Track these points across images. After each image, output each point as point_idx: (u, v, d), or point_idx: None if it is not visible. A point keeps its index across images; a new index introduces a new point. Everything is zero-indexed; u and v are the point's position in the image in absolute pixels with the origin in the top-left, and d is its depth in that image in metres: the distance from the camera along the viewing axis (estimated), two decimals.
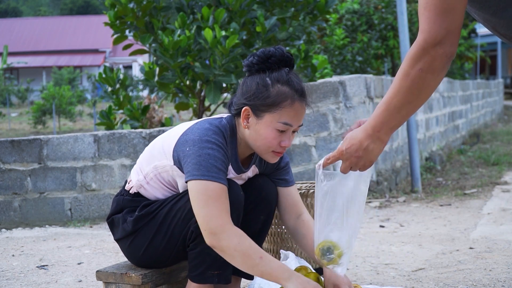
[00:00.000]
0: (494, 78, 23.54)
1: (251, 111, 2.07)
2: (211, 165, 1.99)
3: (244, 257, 1.96)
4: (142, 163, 2.22)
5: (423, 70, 1.62)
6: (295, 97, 2.06)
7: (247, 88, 2.10)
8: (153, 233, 2.17)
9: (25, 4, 60.41)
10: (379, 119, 1.72)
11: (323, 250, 1.98)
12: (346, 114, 4.67)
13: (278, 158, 2.14)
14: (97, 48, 36.50)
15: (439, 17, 1.59)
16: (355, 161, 1.79)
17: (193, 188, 2.00)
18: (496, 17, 1.76)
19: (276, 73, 2.08)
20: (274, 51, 2.08)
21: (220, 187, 1.99)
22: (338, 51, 11.95)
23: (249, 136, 2.11)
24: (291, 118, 2.06)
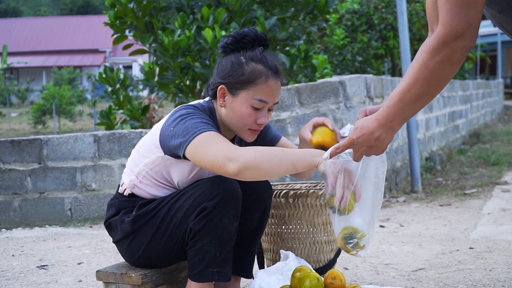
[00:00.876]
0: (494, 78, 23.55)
1: (226, 90, 2.12)
2: (196, 123, 2.01)
3: (269, 158, 1.93)
4: (132, 165, 2.24)
5: (442, 63, 1.63)
6: (269, 74, 2.10)
7: (222, 67, 2.14)
8: (152, 232, 2.17)
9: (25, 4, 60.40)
10: (392, 109, 1.72)
11: (345, 238, 2.00)
12: (346, 114, 4.67)
13: (255, 137, 2.18)
14: (97, 48, 36.50)
15: (461, 10, 1.59)
16: (366, 150, 1.81)
17: (192, 151, 1.99)
18: (503, 15, 1.77)
19: (250, 52, 2.13)
20: (247, 31, 2.13)
21: (212, 132, 2.00)
22: (338, 51, 11.95)
23: (226, 114, 2.14)
24: (266, 94, 2.10)
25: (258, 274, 2.34)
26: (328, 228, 2.58)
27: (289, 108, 4.62)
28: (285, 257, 2.42)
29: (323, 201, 2.53)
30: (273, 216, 2.57)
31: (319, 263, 2.58)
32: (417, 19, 11.67)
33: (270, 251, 2.63)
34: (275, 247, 2.60)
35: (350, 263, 3.13)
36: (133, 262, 2.26)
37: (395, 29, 11.87)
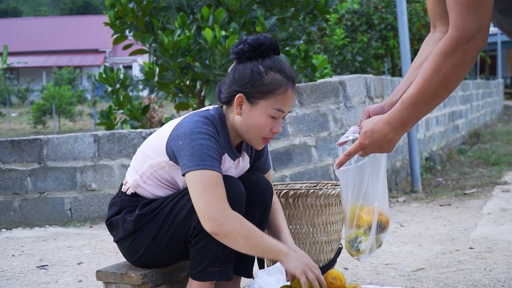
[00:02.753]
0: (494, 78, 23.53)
1: (245, 98, 2.11)
2: (205, 154, 2.02)
3: (247, 239, 2.01)
4: (136, 164, 2.23)
5: (456, 65, 1.64)
6: (288, 85, 2.12)
7: (239, 75, 2.12)
8: (155, 231, 2.17)
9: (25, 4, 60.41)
10: (405, 113, 1.74)
11: (350, 242, 2.05)
12: (346, 114, 4.67)
13: (264, 145, 2.20)
14: (97, 48, 36.50)
15: (472, 11, 1.60)
16: (377, 151, 1.84)
17: (190, 179, 2.02)
18: (503, 15, 1.77)
19: (268, 60, 2.13)
20: (264, 39, 2.12)
21: (216, 174, 2.02)
22: (338, 51, 11.95)
23: (241, 122, 2.14)
24: (284, 104, 2.12)
25: (258, 274, 2.34)
26: (328, 228, 2.58)
27: None
28: None
29: (323, 201, 2.53)
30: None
31: (319, 263, 2.58)
32: (417, 19, 11.67)
33: None
34: None
35: (350, 263, 3.13)
36: (134, 261, 2.26)
37: (395, 29, 11.87)
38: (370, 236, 2.03)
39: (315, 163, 4.67)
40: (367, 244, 2.03)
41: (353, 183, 2.00)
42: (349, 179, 2.01)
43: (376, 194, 2.00)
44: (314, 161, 4.67)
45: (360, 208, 2.01)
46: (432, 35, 2.05)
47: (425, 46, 2.04)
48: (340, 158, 1.92)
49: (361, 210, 2.01)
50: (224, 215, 1.99)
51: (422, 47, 2.06)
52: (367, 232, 2.03)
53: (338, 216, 2.62)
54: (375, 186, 2.00)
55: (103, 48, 36.39)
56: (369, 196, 2.00)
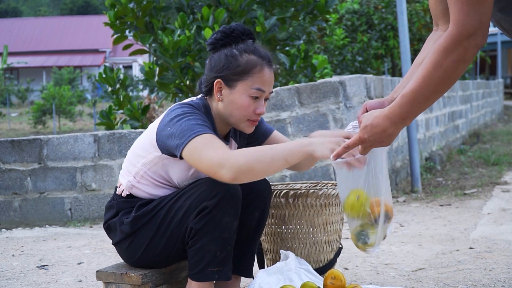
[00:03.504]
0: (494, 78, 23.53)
1: (223, 83, 2.15)
2: (192, 125, 2.02)
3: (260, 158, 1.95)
4: (128, 165, 2.24)
5: (456, 61, 1.65)
6: (263, 63, 2.15)
7: (215, 62, 2.18)
8: (152, 232, 2.17)
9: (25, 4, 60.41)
10: (405, 108, 1.75)
11: (357, 234, 2.02)
12: (346, 114, 4.67)
13: (253, 128, 2.21)
14: (97, 48, 36.51)
15: (472, 8, 1.61)
16: (377, 145, 1.84)
17: (187, 154, 2.01)
18: (502, 13, 1.78)
19: (242, 44, 2.17)
20: (235, 25, 2.18)
21: (208, 135, 2.01)
22: (338, 51, 11.95)
23: (224, 108, 2.16)
24: (263, 83, 2.14)
25: (258, 274, 2.34)
26: (328, 228, 2.58)
27: (289, 108, 4.62)
28: (285, 257, 2.42)
29: (323, 201, 2.53)
30: (273, 216, 2.57)
31: (319, 263, 2.58)
32: (417, 19, 11.67)
33: (270, 251, 2.63)
34: (275, 247, 2.60)
35: (350, 263, 3.13)
36: (133, 263, 2.26)
37: (395, 29, 11.86)
38: (379, 228, 2.01)
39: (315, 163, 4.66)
40: (375, 237, 2.02)
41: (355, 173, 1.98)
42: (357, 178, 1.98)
43: (380, 185, 2.00)
44: None
45: (365, 199, 1.99)
46: (434, 33, 2.06)
47: (427, 44, 2.06)
48: (338, 149, 1.91)
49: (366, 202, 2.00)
50: (227, 156, 1.95)
51: (425, 45, 2.07)
52: (374, 224, 2.01)
53: (338, 216, 2.62)
54: (379, 177, 2.00)
55: (103, 48, 36.40)
56: (373, 187, 1.99)
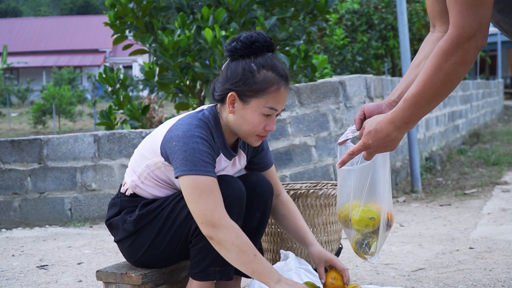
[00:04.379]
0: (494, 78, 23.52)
1: (237, 97, 2.10)
2: (197, 159, 2.01)
3: (240, 253, 1.98)
4: (134, 165, 2.24)
5: (457, 64, 1.65)
6: (281, 83, 2.11)
7: (232, 73, 2.11)
8: (155, 232, 2.16)
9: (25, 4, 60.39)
10: (408, 112, 1.75)
11: (357, 243, 2.04)
12: (346, 114, 4.67)
13: (260, 142, 2.19)
14: (97, 48, 36.50)
15: (472, 10, 1.61)
16: (381, 150, 1.84)
17: (184, 184, 2.02)
18: (501, 15, 1.78)
19: (261, 58, 2.11)
20: (257, 36, 2.11)
21: (210, 179, 2.01)
22: (338, 51, 11.95)
23: (234, 121, 2.13)
24: (277, 103, 2.11)
25: None
26: (328, 228, 2.58)
27: (289, 108, 4.62)
28: (285, 257, 2.42)
29: (323, 201, 2.53)
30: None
31: None
32: (417, 19, 11.67)
33: (270, 251, 2.63)
34: (275, 247, 2.60)
35: (350, 263, 3.13)
36: (134, 261, 2.26)
37: (395, 29, 11.87)
38: (380, 236, 2.02)
39: (315, 163, 4.66)
40: (376, 245, 2.03)
41: (357, 182, 1.99)
42: (352, 178, 2.00)
43: (381, 192, 2.00)
44: (314, 161, 4.67)
45: (366, 206, 2.00)
46: (432, 34, 2.05)
47: (424, 46, 2.05)
48: (343, 157, 1.91)
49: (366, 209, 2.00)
50: (221, 222, 1.98)
51: (422, 47, 2.06)
52: (376, 231, 2.02)
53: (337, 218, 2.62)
54: (380, 184, 2.00)
55: (103, 48, 36.38)
56: (374, 194, 1.99)
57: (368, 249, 2.03)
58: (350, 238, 2.07)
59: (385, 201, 2.00)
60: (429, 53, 1.98)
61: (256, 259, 1.99)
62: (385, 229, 2.03)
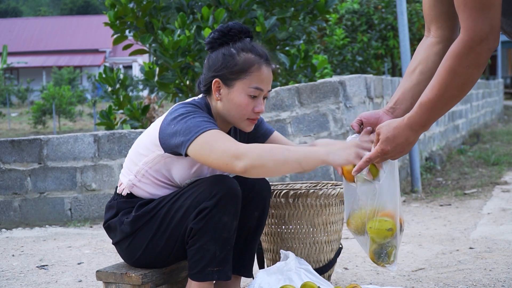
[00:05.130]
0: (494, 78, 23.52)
1: (221, 82, 2.14)
2: (198, 122, 2.04)
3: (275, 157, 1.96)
4: (130, 164, 2.24)
5: (470, 67, 1.68)
6: (261, 62, 2.15)
7: (213, 61, 2.17)
8: (152, 232, 2.17)
9: (25, 4, 60.39)
10: (425, 116, 1.78)
11: (376, 253, 2.04)
12: (346, 114, 4.67)
13: (253, 126, 2.20)
14: (97, 48, 36.50)
15: (482, 14, 1.62)
16: (398, 155, 1.87)
17: (195, 149, 2.01)
18: (504, 17, 1.80)
19: (239, 43, 2.17)
20: (232, 24, 2.18)
21: (213, 131, 2.02)
22: (338, 51, 11.94)
23: (223, 107, 2.16)
24: (260, 82, 2.14)
25: (258, 274, 2.34)
26: (328, 228, 2.58)
27: (289, 108, 4.62)
28: (285, 257, 2.43)
29: (323, 201, 2.53)
30: (273, 216, 2.57)
31: (319, 263, 2.58)
32: (417, 19, 11.67)
33: (270, 251, 2.63)
34: (275, 247, 2.60)
35: (350, 263, 3.13)
36: (133, 262, 2.26)
37: (395, 29, 11.86)
38: (397, 244, 2.02)
39: None
40: (395, 253, 2.03)
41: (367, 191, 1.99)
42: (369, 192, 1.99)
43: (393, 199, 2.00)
44: None
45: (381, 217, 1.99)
46: (426, 39, 2.05)
47: (419, 51, 2.05)
48: (360, 163, 1.90)
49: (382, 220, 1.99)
50: (241, 149, 1.97)
51: (416, 52, 2.06)
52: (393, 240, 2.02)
53: (338, 216, 2.62)
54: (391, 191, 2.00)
55: (103, 48, 36.39)
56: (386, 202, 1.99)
57: (388, 258, 2.04)
58: (366, 248, 2.05)
59: (397, 207, 2.00)
60: (425, 59, 2.00)
61: (291, 151, 1.97)
62: (400, 234, 2.03)
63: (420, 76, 1.99)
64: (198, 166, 2.17)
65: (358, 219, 2.02)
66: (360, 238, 2.05)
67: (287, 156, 1.96)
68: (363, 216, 2.01)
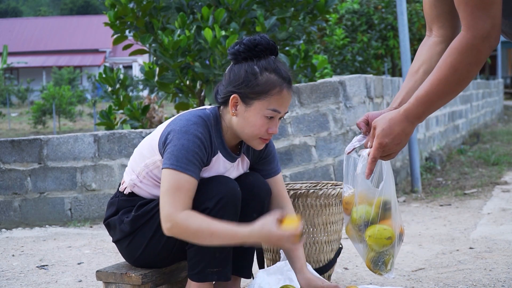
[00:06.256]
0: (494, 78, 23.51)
1: (239, 99, 2.11)
2: (182, 155, 2.03)
3: (198, 238, 1.99)
4: (133, 164, 2.25)
5: (471, 64, 1.69)
6: (283, 85, 2.11)
7: (234, 76, 2.12)
8: (152, 232, 2.17)
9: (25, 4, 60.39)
10: (421, 108, 1.79)
11: (373, 262, 2.04)
12: (346, 114, 4.67)
13: (264, 145, 2.18)
14: (97, 48, 36.50)
15: (484, 11, 1.63)
16: (394, 148, 1.87)
17: (163, 176, 2.05)
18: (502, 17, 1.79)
19: (264, 61, 2.12)
20: (260, 39, 2.12)
21: (184, 177, 2.02)
22: (338, 51, 11.94)
23: (237, 123, 2.14)
24: (279, 105, 2.10)
25: (258, 274, 2.34)
26: (328, 228, 2.58)
27: (289, 108, 4.62)
28: (285, 257, 2.42)
29: (323, 201, 2.53)
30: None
31: (319, 263, 2.58)
32: (417, 19, 11.66)
33: (270, 251, 2.63)
34: (275, 247, 2.60)
35: (350, 263, 3.13)
36: (133, 262, 2.26)
37: (395, 29, 11.86)
38: (395, 253, 2.03)
39: (315, 163, 4.66)
40: (392, 262, 2.04)
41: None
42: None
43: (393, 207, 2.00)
44: (314, 161, 4.67)
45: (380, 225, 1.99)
46: (428, 39, 2.05)
47: (422, 51, 2.05)
48: (368, 166, 1.91)
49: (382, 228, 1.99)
50: (171, 218, 1.99)
51: (418, 52, 2.06)
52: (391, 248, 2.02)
53: (338, 216, 2.62)
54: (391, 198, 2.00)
55: (103, 48, 36.39)
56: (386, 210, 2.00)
57: (385, 267, 2.03)
58: (364, 256, 2.05)
59: (396, 216, 2.00)
60: (428, 59, 2.00)
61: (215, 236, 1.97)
62: (398, 243, 2.03)
63: (424, 76, 1.99)
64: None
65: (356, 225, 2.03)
66: (359, 246, 2.05)
67: (210, 240, 1.99)
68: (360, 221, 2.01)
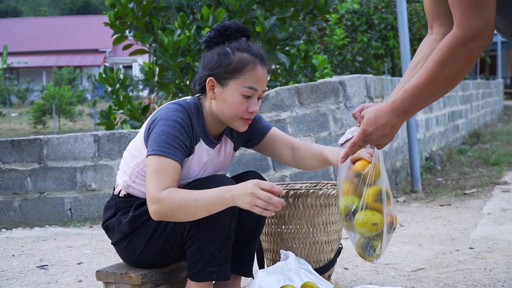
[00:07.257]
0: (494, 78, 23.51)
1: (215, 81, 2.14)
2: (163, 140, 2.05)
3: (183, 209, 1.99)
4: (124, 165, 2.26)
5: (460, 62, 1.67)
6: (256, 62, 2.14)
7: (208, 60, 2.17)
8: (150, 232, 2.17)
9: (25, 4, 60.39)
10: (408, 102, 1.77)
11: (362, 247, 2.05)
12: (346, 114, 4.67)
13: (247, 126, 2.20)
14: (97, 48, 36.51)
15: (476, 11, 1.62)
16: (379, 139, 1.85)
17: (147, 165, 2.07)
18: (498, 15, 1.79)
19: (236, 42, 2.16)
20: (229, 23, 2.18)
21: (165, 161, 2.04)
22: (338, 51, 11.94)
23: (217, 106, 2.16)
24: (255, 82, 2.13)
25: (258, 274, 2.34)
26: (328, 228, 2.58)
27: (289, 108, 4.62)
28: (285, 257, 2.42)
29: (323, 201, 2.53)
30: (273, 216, 2.57)
31: (319, 263, 2.58)
32: (417, 19, 11.67)
33: (270, 251, 2.63)
34: (275, 247, 2.60)
35: (350, 263, 3.13)
36: (132, 262, 2.26)
37: (395, 29, 11.86)
38: (383, 239, 2.03)
39: None
40: (380, 246, 2.04)
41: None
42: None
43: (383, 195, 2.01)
44: None
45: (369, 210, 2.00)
46: (429, 36, 2.06)
47: (422, 48, 2.06)
48: (345, 150, 1.92)
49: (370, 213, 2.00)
50: (156, 199, 2.00)
51: (419, 49, 2.07)
52: (379, 234, 2.02)
53: (338, 216, 2.62)
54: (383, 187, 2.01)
55: (103, 48, 36.39)
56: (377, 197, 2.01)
57: (373, 252, 2.04)
58: (354, 242, 2.07)
59: (386, 203, 2.01)
60: (427, 55, 2.00)
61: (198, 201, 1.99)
62: (389, 232, 2.03)
63: None
64: (185, 169, 2.17)
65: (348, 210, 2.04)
66: (350, 233, 2.07)
67: (195, 208, 1.99)
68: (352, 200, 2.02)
